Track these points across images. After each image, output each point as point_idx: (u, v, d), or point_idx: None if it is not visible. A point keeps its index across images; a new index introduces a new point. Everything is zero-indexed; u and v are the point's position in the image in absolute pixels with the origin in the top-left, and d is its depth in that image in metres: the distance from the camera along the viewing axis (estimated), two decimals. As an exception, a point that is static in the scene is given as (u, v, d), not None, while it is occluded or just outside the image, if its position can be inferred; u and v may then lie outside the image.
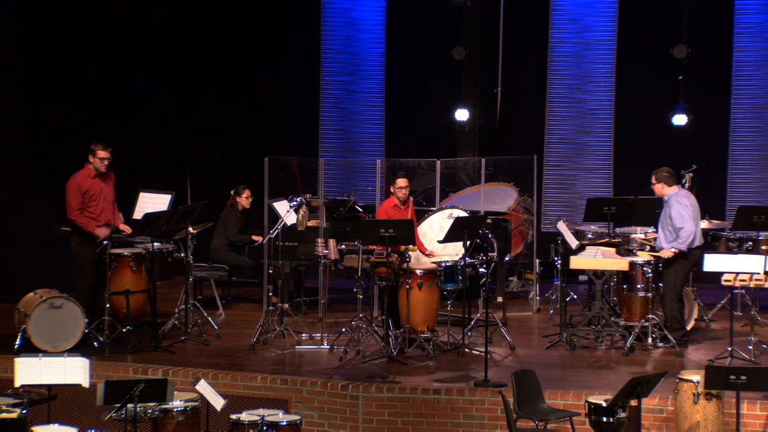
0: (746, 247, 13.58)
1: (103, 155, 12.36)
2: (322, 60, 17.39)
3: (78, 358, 9.57)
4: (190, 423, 9.69)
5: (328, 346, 12.40)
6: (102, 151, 12.36)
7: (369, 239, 11.87)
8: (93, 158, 12.37)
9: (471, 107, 16.65)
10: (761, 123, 16.49)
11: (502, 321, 13.08)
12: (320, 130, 17.42)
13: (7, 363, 10.94)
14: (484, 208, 13.95)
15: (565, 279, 13.07)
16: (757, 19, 16.44)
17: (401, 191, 12.69)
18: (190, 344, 12.45)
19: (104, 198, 12.42)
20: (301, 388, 10.91)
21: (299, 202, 12.67)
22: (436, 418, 10.62)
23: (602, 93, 16.93)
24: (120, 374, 11.26)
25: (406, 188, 12.71)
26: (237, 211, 14.33)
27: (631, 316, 12.55)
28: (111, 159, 12.43)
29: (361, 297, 12.09)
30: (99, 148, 12.37)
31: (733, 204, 15.72)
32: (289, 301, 13.63)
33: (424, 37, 17.24)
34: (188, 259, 12.77)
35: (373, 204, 14.61)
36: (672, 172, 12.25)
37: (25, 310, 11.82)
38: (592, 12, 16.93)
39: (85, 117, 15.18)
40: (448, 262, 12.17)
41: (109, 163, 12.44)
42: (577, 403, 10.28)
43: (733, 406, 9.51)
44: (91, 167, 12.39)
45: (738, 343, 11.77)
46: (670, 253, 12.06)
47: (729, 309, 12.74)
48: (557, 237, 13.14)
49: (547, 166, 17.03)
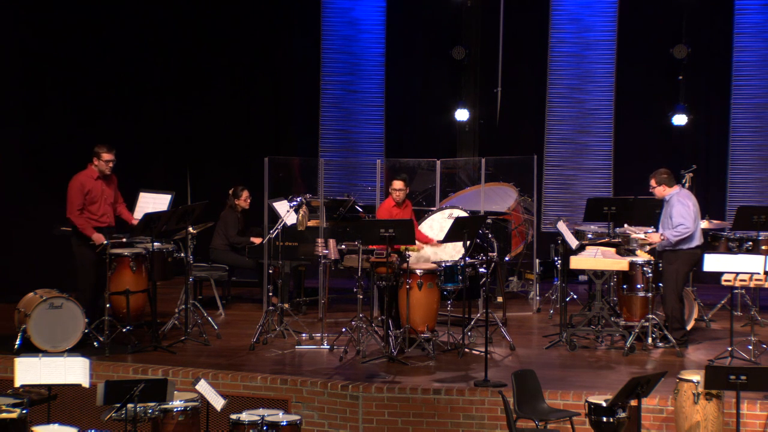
0: (746, 247, 13.58)
1: (108, 158, 12.36)
2: (322, 60, 17.40)
3: (78, 358, 9.57)
4: (190, 423, 9.69)
5: (328, 346, 12.40)
6: (107, 154, 12.35)
7: (369, 239, 11.87)
8: (98, 161, 12.35)
9: (471, 107, 16.66)
10: (761, 123, 16.49)
11: (502, 321, 13.08)
12: (320, 130, 17.43)
13: (7, 363, 10.94)
14: (484, 208, 13.95)
15: (565, 279, 13.07)
16: (757, 19, 16.44)
17: (396, 193, 12.71)
18: (190, 344, 12.45)
19: (105, 200, 12.42)
20: (301, 388, 10.90)
21: (299, 202, 12.67)
22: (436, 418, 10.62)
23: (602, 93, 16.94)
24: (120, 374, 11.26)
25: (401, 191, 12.71)
26: (236, 212, 14.33)
27: (631, 316, 12.55)
28: (116, 161, 12.43)
29: (361, 297, 12.09)
30: (104, 150, 12.35)
31: (733, 204, 15.72)
32: (289, 301, 13.63)
33: (424, 37, 17.24)
34: (188, 259, 12.77)
35: (373, 204, 14.62)
36: (670, 173, 12.25)
37: (25, 310, 11.81)
38: (592, 12, 16.93)
39: (85, 117, 15.18)
40: (448, 262, 12.17)
41: (114, 166, 12.45)
42: (577, 403, 10.28)
43: (733, 406, 9.50)
44: (95, 169, 12.38)
45: (738, 343, 11.77)
46: (659, 237, 12.06)
47: (729, 309, 12.74)
48: (557, 237, 13.14)
49: (547, 166, 17.04)
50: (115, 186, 12.60)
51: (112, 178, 12.55)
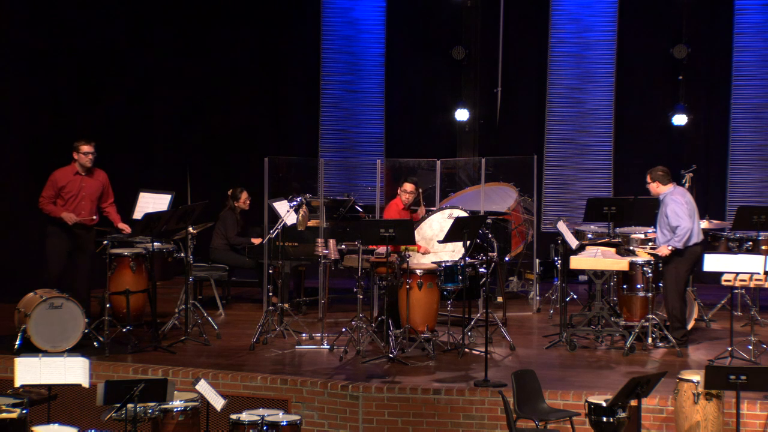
0: (746, 247, 13.58)
1: (87, 149, 12.31)
2: (322, 60, 17.40)
3: (78, 358, 9.56)
4: (190, 423, 9.69)
5: (328, 346, 12.40)
6: (85, 146, 12.31)
7: (369, 239, 11.88)
8: (77, 154, 12.32)
9: (471, 107, 16.66)
10: (761, 123, 16.49)
11: (502, 321, 13.07)
12: (320, 130, 17.43)
13: (7, 363, 10.93)
14: (484, 208, 13.94)
15: (565, 279, 13.06)
16: (757, 19, 16.44)
17: (405, 195, 12.86)
18: (190, 344, 12.45)
19: (84, 197, 12.34)
20: (301, 388, 10.90)
21: (299, 202, 12.67)
22: (436, 418, 10.62)
23: (602, 93, 16.93)
24: (120, 374, 11.26)
25: (411, 194, 12.87)
26: (236, 212, 14.33)
27: (631, 316, 12.55)
28: (95, 153, 12.36)
29: (361, 297, 12.09)
30: (82, 143, 12.32)
31: (733, 204, 15.72)
32: (289, 301, 13.63)
33: (424, 37, 17.24)
34: (188, 259, 12.77)
35: (373, 204, 14.61)
36: (667, 171, 12.24)
37: (25, 310, 11.81)
38: (592, 12, 16.93)
39: (85, 117, 15.16)
40: (448, 262, 12.17)
41: (94, 158, 12.36)
42: (577, 403, 10.27)
43: (733, 406, 9.50)
44: (76, 164, 12.35)
45: (738, 343, 11.77)
46: (667, 250, 12.05)
47: (729, 309, 12.74)
48: (557, 237, 13.14)
49: (547, 166, 17.03)
50: (102, 184, 12.50)
51: (98, 175, 12.49)
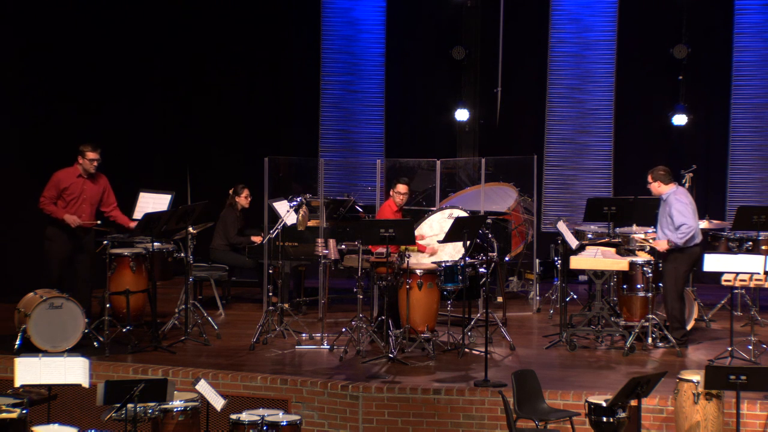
0: (746, 247, 13.58)
1: (92, 156, 12.28)
2: (322, 60, 17.39)
3: (78, 358, 9.57)
4: (190, 423, 9.69)
5: (328, 346, 12.40)
6: (91, 153, 12.27)
7: (369, 239, 11.88)
8: (82, 159, 12.29)
9: (471, 107, 16.66)
10: (761, 123, 16.49)
11: (502, 321, 13.08)
12: (320, 130, 17.43)
13: (7, 363, 10.93)
14: (484, 208, 13.94)
15: (565, 279, 13.07)
16: (757, 19, 16.44)
17: (399, 196, 12.81)
18: (190, 344, 12.45)
19: (85, 200, 12.32)
20: (301, 388, 10.90)
21: (299, 202, 12.67)
22: (436, 418, 10.62)
23: (602, 93, 16.94)
24: (120, 374, 11.26)
25: (405, 195, 12.84)
26: (236, 211, 14.33)
27: (631, 316, 12.55)
28: (100, 161, 12.35)
29: (361, 297, 12.09)
30: (88, 149, 12.27)
31: (733, 204, 15.72)
32: (289, 301, 13.63)
33: (424, 37, 17.24)
34: (188, 259, 12.77)
35: (373, 204, 14.62)
36: (668, 171, 12.24)
37: (25, 310, 11.81)
38: (592, 12, 16.93)
39: (85, 117, 15.17)
40: (448, 262, 12.17)
41: (99, 165, 12.37)
42: (577, 403, 10.28)
43: (733, 406, 9.50)
44: (80, 168, 12.33)
45: (738, 343, 11.77)
46: (666, 245, 12.04)
47: (729, 309, 12.74)
48: (557, 237, 13.14)
49: (547, 166, 17.03)
50: (104, 188, 12.48)
51: (99, 180, 12.47)
